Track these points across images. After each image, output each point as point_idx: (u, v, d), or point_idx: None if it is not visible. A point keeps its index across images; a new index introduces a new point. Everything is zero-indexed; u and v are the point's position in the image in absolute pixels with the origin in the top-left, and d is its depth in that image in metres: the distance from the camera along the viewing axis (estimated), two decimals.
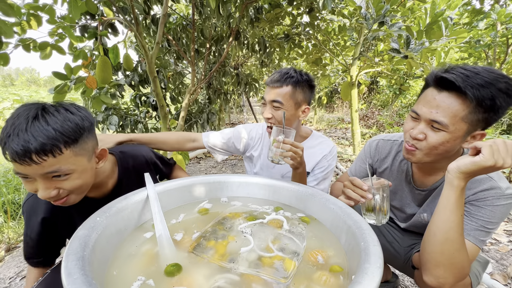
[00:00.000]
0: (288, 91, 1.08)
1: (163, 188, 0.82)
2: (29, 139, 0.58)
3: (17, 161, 0.59)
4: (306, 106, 1.14)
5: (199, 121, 4.21)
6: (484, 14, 3.67)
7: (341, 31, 3.54)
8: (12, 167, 0.64)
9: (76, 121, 0.66)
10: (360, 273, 0.46)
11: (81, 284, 0.39)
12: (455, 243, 0.68)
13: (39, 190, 0.64)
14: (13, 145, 0.57)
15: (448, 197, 0.69)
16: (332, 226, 0.74)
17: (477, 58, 4.91)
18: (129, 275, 0.55)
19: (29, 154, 0.58)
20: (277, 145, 0.93)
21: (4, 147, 0.59)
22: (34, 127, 0.59)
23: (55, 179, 0.65)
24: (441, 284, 0.70)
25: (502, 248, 1.80)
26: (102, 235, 0.57)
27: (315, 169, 1.21)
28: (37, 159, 0.59)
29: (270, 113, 1.10)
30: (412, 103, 8.22)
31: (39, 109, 0.63)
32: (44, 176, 0.62)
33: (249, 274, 0.56)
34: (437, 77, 0.73)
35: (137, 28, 1.91)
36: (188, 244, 0.66)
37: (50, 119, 0.62)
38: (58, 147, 0.61)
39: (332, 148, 1.23)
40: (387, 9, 2.45)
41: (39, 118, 0.61)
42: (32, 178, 0.63)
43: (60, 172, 0.63)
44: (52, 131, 0.60)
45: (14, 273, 1.66)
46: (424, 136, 0.76)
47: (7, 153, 0.59)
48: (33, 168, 0.60)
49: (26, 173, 0.61)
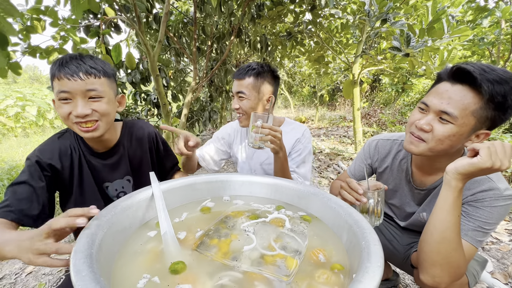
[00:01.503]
0: (250, 82, 1.17)
1: (167, 187, 0.83)
2: (80, 63, 0.80)
3: (69, 77, 0.77)
4: (270, 95, 1.22)
5: (201, 119, 4.22)
6: (489, 12, 3.64)
7: (344, 28, 3.53)
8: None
9: (110, 66, 0.89)
10: (361, 272, 0.47)
11: (89, 281, 0.40)
12: (452, 242, 0.69)
13: (78, 107, 0.79)
14: (68, 66, 0.78)
15: (446, 197, 0.70)
16: (333, 225, 0.75)
17: (480, 56, 4.88)
18: (134, 272, 0.56)
19: (78, 72, 0.78)
20: (256, 130, 0.96)
21: (60, 67, 0.78)
22: (83, 59, 0.81)
23: (90, 101, 0.82)
24: (437, 283, 0.71)
25: (503, 247, 1.81)
26: (108, 233, 0.59)
27: (292, 153, 1.27)
28: (84, 76, 0.79)
29: (237, 103, 1.20)
30: (414, 101, 8.18)
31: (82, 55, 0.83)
32: (84, 94, 0.80)
33: (252, 272, 0.57)
34: (454, 69, 0.74)
35: (139, 26, 1.92)
36: (192, 242, 0.67)
37: (94, 58, 0.84)
38: (99, 72, 0.83)
39: (305, 131, 1.29)
40: (390, 6, 2.43)
41: (86, 56, 0.83)
42: (73, 98, 0.80)
43: (97, 92, 0.82)
44: (94, 64, 0.82)
45: (20, 268, 1.69)
46: (430, 127, 0.76)
47: (61, 73, 0.77)
48: (78, 83, 0.78)
49: (70, 89, 0.78)
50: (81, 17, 1.57)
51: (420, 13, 3.28)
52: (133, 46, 3.45)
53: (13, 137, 5.93)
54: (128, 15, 2.18)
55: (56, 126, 7.10)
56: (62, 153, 0.90)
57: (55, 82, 0.80)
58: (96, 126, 0.84)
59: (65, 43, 1.72)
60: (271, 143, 0.97)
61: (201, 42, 3.37)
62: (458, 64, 0.74)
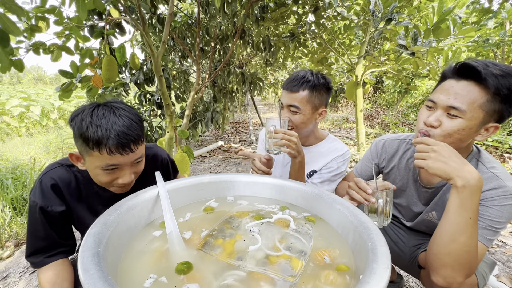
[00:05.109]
0: (304, 95, 1.08)
1: (172, 187, 0.83)
2: (127, 134, 0.72)
3: (121, 152, 0.72)
4: (323, 109, 1.15)
5: (204, 119, 4.23)
6: (494, 13, 3.62)
7: (347, 30, 3.52)
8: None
9: (138, 112, 0.81)
10: (368, 273, 0.47)
11: (97, 279, 0.40)
12: (463, 245, 0.68)
13: (125, 176, 0.78)
14: (115, 141, 0.70)
15: (451, 199, 0.70)
16: (338, 226, 0.75)
17: (485, 58, 4.85)
18: (140, 271, 0.56)
19: (128, 146, 0.72)
20: (270, 135, 0.95)
21: (106, 144, 0.70)
22: (122, 124, 0.72)
23: (134, 165, 0.80)
24: (449, 284, 0.70)
25: (508, 250, 1.79)
26: (114, 232, 0.59)
27: (323, 169, 1.21)
28: (134, 148, 0.75)
29: (288, 117, 1.11)
30: (418, 103, 8.14)
31: (110, 108, 0.74)
32: (132, 163, 0.78)
33: (257, 272, 0.57)
34: (458, 65, 0.75)
35: (143, 27, 1.93)
36: (197, 242, 0.67)
37: (127, 115, 0.75)
38: (142, 137, 0.79)
39: (346, 152, 1.22)
40: (395, 6, 2.43)
41: (120, 116, 0.74)
42: (119, 168, 0.76)
43: (142, 157, 0.81)
44: (136, 125, 0.76)
45: (24, 267, 1.70)
46: (439, 123, 0.76)
47: (110, 148, 0.70)
48: (129, 156, 0.74)
49: (120, 162, 0.74)
50: (86, 17, 1.58)
51: (423, 15, 3.28)
52: (137, 47, 3.47)
53: (17, 137, 5.98)
54: (132, 16, 2.20)
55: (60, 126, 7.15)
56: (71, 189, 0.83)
57: (95, 152, 0.70)
58: (131, 184, 0.83)
59: (68, 41, 1.73)
60: (287, 147, 0.96)
61: (204, 43, 3.38)
62: (462, 61, 0.75)
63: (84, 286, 0.40)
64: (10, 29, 1.21)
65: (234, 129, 6.90)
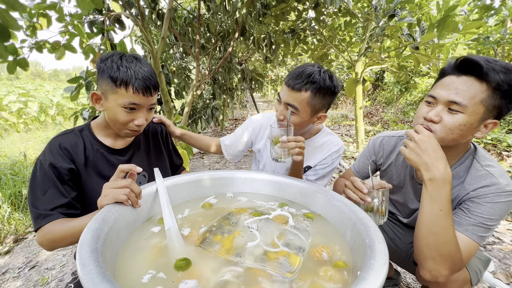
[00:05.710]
0: (306, 97, 0.97)
1: (171, 183, 0.84)
2: (150, 79, 0.85)
3: (144, 93, 0.83)
4: (323, 114, 1.06)
5: (203, 116, 4.21)
6: (495, 10, 3.60)
7: (347, 26, 3.50)
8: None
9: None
10: (366, 269, 0.47)
11: (95, 274, 0.40)
12: (439, 236, 0.69)
13: (140, 118, 0.87)
14: (141, 82, 0.82)
15: (423, 192, 0.73)
16: (337, 223, 0.75)
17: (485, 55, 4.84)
18: (139, 267, 0.56)
19: (150, 89, 0.85)
20: (281, 145, 0.92)
21: (134, 84, 0.81)
22: (147, 70, 0.85)
23: (148, 111, 0.90)
24: (435, 277, 0.71)
25: (505, 247, 1.80)
26: (113, 228, 0.59)
27: (317, 165, 1.20)
28: (153, 93, 0.87)
29: (283, 115, 1.03)
30: (417, 101, 8.14)
31: (135, 58, 0.86)
32: (148, 106, 0.89)
33: (256, 268, 0.57)
34: (458, 61, 0.75)
35: (142, 22, 1.91)
36: (195, 238, 0.67)
37: (148, 66, 0.87)
38: (158, 87, 0.90)
39: (341, 147, 1.20)
40: (398, 1, 2.42)
41: (145, 65, 0.86)
42: (137, 109, 0.86)
43: (154, 106, 0.92)
44: (155, 75, 0.88)
45: (23, 263, 1.71)
46: (439, 118, 0.75)
47: (136, 88, 0.81)
48: (147, 99, 0.86)
49: (140, 102, 0.84)
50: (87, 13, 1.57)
51: (425, 12, 3.25)
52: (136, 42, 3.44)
53: (15, 133, 5.96)
54: (132, 11, 2.18)
55: (57, 122, 7.12)
56: (78, 151, 0.88)
57: (121, 89, 0.81)
58: (142, 129, 0.92)
59: (72, 39, 1.73)
60: (298, 155, 0.93)
61: (205, 40, 3.36)
62: (462, 56, 0.75)
63: (82, 282, 0.40)
64: (10, 23, 1.20)
65: (233, 125, 6.89)
